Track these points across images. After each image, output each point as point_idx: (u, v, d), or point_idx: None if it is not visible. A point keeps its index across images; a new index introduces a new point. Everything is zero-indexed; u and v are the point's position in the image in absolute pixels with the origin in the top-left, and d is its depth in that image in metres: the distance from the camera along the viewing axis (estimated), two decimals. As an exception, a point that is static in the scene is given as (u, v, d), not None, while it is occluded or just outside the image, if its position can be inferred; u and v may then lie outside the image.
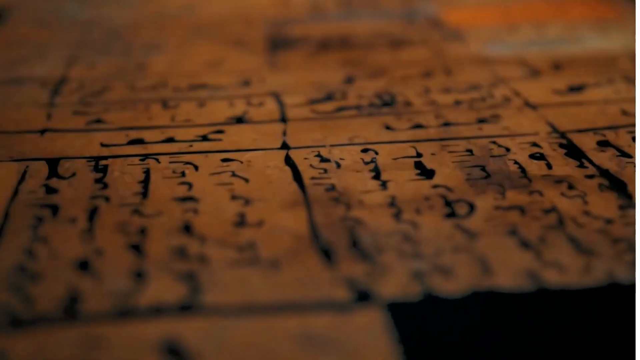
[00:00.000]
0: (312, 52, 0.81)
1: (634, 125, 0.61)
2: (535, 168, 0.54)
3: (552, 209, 0.49)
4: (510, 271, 0.43)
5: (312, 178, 0.53)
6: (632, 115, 0.62)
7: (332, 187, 0.52)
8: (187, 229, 0.47)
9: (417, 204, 0.50)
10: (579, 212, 0.48)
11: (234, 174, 0.54)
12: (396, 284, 0.41)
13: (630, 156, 0.55)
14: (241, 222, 0.48)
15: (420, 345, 0.37)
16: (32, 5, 1.03)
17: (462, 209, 0.49)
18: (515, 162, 0.55)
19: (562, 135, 0.59)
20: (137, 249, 0.45)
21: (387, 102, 0.67)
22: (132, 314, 0.39)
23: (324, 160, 0.56)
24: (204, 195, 0.51)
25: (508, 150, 0.57)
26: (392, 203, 0.50)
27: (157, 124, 0.63)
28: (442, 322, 0.39)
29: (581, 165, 0.54)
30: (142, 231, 0.46)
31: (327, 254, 0.44)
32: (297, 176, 0.53)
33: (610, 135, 0.59)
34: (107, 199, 0.50)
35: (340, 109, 0.66)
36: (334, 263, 0.43)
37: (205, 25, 0.93)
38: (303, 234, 0.46)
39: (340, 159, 0.56)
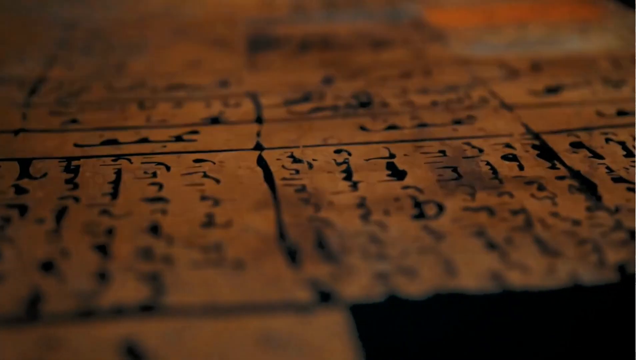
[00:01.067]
0: (292, 53, 0.81)
1: (608, 126, 0.61)
2: (506, 169, 0.54)
3: (521, 211, 0.49)
4: (474, 272, 0.43)
5: (283, 179, 0.53)
6: (607, 116, 0.63)
7: (303, 188, 0.52)
8: (155, 229, 0.47)
9: (386, 205, 0.50)
10: (547, 213, 0.48)
11: (205, 175, 0.54)
12: (359, 285, 0.42)
13: (603, 157, 0.56)
14: (209, 222, 0.48)
15: (380, 347, 0.37)
16: (14, 5, 1.03)
17: (431, 210, 0.49)
18: (488, 164, 0.55)
19: (536, 136, 0.59)
20: (102, 249, 0.45)
21: (364, 102, 0.67)
22: (93, 315, 0.39)
23: (296, 161, 0.56)
24: (174, 195, 0.51)
25: (481, 151, 0.57)
26: (362, 204, 0.50)
27: (132, 125, 0.63)
28: (404, 324, 0.39)
29: (553, 167, 0.54)
30: (109, 232, 0.46)
31: (292, 255, 0.44)
32: (268, 177, 0.53)
33: (584, 137, 0.59)
34: (76, 199, 0.50)
35: (316, 109, 0.66)
36: (299, 264, 0.43)
37: (188, 26, 0.93)
38: (270, 234, 0.46)
39: (313, 159, 0.56)
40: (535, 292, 0.41)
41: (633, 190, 0.51)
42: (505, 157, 0.56)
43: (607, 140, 0.58)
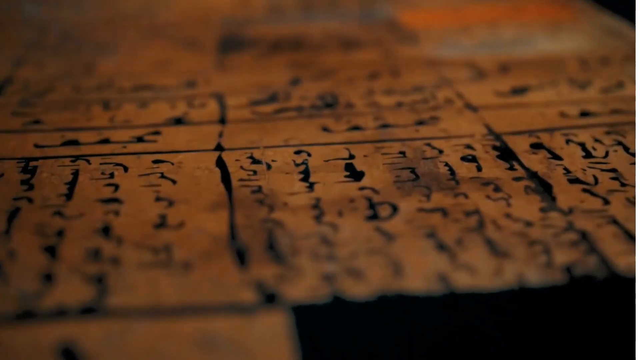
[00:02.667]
0: (263, 54, 0.81)
1: (570, 127, 0.61)
2: (464, 170, 0.54)
3: (475, 212, 0.49)
4: (421, 274, 0.43)
5: (240, 180, 0.53)
6: (571, 117, 0.63)
7: (259, 189, 0.52)
8: (106, 230, 0.47)
9: (340, 206, 0.50)
10: (500, 214, 0.48)
11: (162, 176, 0.54)
12: (305, 286, 0.41)
13: (561, 158, 0.55)
14: (161, 223, 0.48)
15: (320, 348, 0.37)
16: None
17: (384, 211, 0.49)
18: (446, 165, 0.55)
19: (497, 137, 0.59)
20: (51, 251, 0.44)
21: (329, 103, 0.67)
22: (33, 317, 0.39)
23: (255, 162, 0.56)
24: (129, 197, 0.51)
25: (441, 152, 0.57)
26: (316, 205, 0.50)
27: (95, 125, 0.62)
28: (347, 325, 0.39)
29: (511, 168, 0.54)
30: (60, 233, 0.46)
31: (241, 256, 0.44)
32: (225, 178, 0.53)
33: (544, 138, 0.59)
34: (30, 200, 0.50)
35: (281, 110, 0.65)
36: (247, 265, 0.43)
37: (161, 26, 0.93)
38: (221, 236, 0.46)
39: (272, 160, 0.56)
40: (481, 293, 0.41)
41: (588, 191, 0.51)
42: (464, 158, 0.56)
43: (568, 141, 0.58)
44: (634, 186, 0.51)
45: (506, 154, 0.56)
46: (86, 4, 1.03)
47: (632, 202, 0.49)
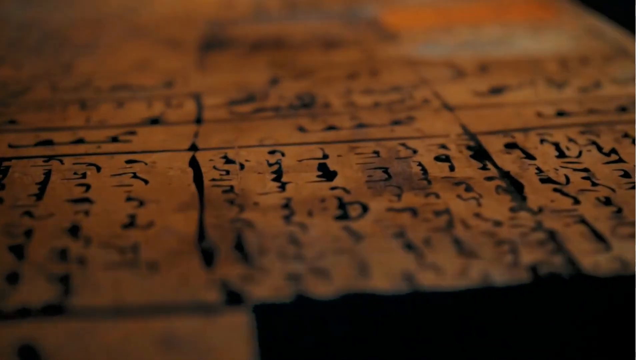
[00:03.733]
0: (244, 53, 0.81)
1: (545, 127, 0.61)
2: (437, 170, 0.54)
3: (445, 211, 0.49)
4: (387, 273, 0.43)
5: (213, 179, 0.53)
6: (546, 117, 0.63)
7: (231, 189, 0.52)
8: (74, 230, 0.47)
9: (311, 205, 0.49)
10: (470, 214, 0.48)
11: (135, 176, 0.54)
12: (269, 286, 0.41)
13: (534, 158, 0.56)
14: (130, 223, 0.47)
15: (280, 347, 0.37)
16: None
17: (355, 211, 0.49)
18: (419, 164, 0.55)
19: (472, 137, 0.59)
20: (18, 250, 0.44)
21: (306, 103, 0.67)
22: (-4, 317, 0.39)
23: (229, 161, 0.56)
24: (100, 196, 0.51)
25: (415, 152, 0.57)
26: (287, 205, 0.50)
27: (71, 125, 0.62)
28: (310, 324, 0.39)
29: (484, 167, 0.54)
30: (28, 233, 0.46)
31: (208, 256, 0.44)
32: (198, 178, 0.53)
33: (519, 137, 0.59)
34: (0, 200, 0.50)
35: (258, 110, 0.65)
36: (213, 265, 0.43)
37: (144, 26, 0.93)
38: (189, 236, 0.46)
39: (246, 160, 0.56)
40: (445, 292, 0.41)
41: (559, 191, 0.51)
42: (438, 158, 0.56)
43: (542, 141, 0.58)
44: (605, 186, 0.51)
45: (480, 154, 0.56)
46: (69, 4, 1.03)
47: (602, 202, 0.49)
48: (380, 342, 0.38)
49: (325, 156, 0.57)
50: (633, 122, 0.61)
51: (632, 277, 0.42)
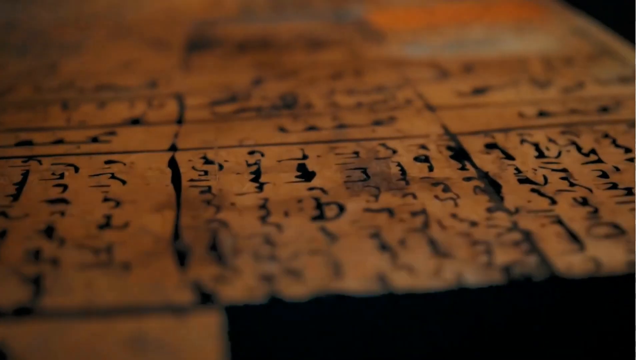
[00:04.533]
0: (229, 54, 0.81)
1: (526, 127, 0.61)
2: (416, 170, 0.54)
3: (421, 212, 0.49)
4: (361, 274, 0.42)
5: (191, 180, 0.53)
6: (528, 117, 0.63)
7: (208, 189, 0.52)
8: (49, 231, 0.47)
9: (287, 206, 0.49)
10: (446, 214, 0.48)
11: (113, 176, 0.54)
12: (242, 286, 0.41)
13: (514, 158, 0.55)
14: (106, 224, 0.47)
15: (250, 348, 0.37)
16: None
17: (331, 212, 0.49)
18: (398, 165, 0.55)
19: (453, 137, 0.59)
20: (-9, 251, 0.45)
21: (288, 104, 0.67)
22: (-34, 318, 0.39)
23: (208, 162, 0.56)
24: (77, 197, 0.51)
25: (395, 152, 0.57)
26: (263, 205, 0.50)
27: (51, 126, 0.62)
28: (279, 325, 0.39)
29: (462, 168, 0.54)
30: (2, 234, 0.46)
31: (182, 257, 0.44)
32: (176, 178, 0.53)
33: (499, 138, 0.59)
34: (-23, 201, 0.50)
35: (239, 110, 0.65)
36: (187, 266, 0.43)
37: (129, 26, 0.93)
38: (165, 236, 0.46)
39: (225, 161, 0.56)
40: (419, 293, 0.41)
41: (536, 191, 0.51)
42: (417, 159, 0.56)
43: (522, 141, 0.58)
44: (583, 186, 0.51)
45: (459, 154, 0.56)
46: (57, 4, 1.03)
47: (579, 202, 0.49)
48: (352, 343, 0.38)
49: (305, 157, 0.56)
50: (614, 122, 0.61)
51: (606, 278, 0.42)
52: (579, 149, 0.57)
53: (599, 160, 0.55)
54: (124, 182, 0.53)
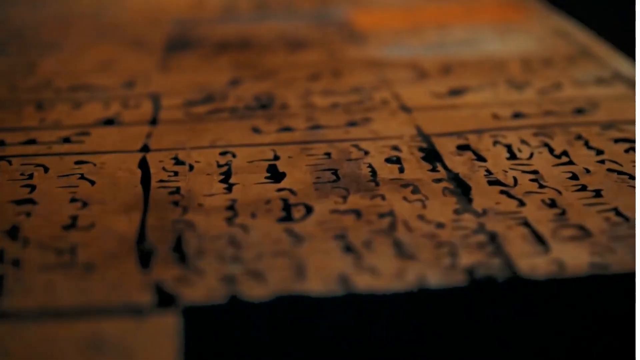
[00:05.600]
0: (208, 54, 0.81)
1: (500, 129, 0.61)
2: (386, 172, 0.54)
3: (389, 213, 0.49)
4: (323, 276, 0.42)
5: (160, 181, 0.53)
6: (502, 119, 0.62)
7: (177, 190, 0.51)
8: (14, 232, 0.46)
9: (255, 207, 0.49)
10: (414, 216, 0.48)
11: (82, 177, 0.53)
12: (204, 288, 0.41)
13: (485, 160, 0.55)
14: (71, 225, 0.47)
15: (206, 350, 0.37)
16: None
17: (298, 213, 0.49)
18: (369, 166, 0.55)
19: (426, 138, 0.59)
20: (-47, 252, 0.44)
21: (264, 104, 0.67)
22: None
23: (179, 163, 0.55)
24: (44, 197, 0.50)
25: (367, 153, 0.57)
26: (231, 206, 0.49)
27: (24, 126, 0.62)
28: (238, 326, 0.39)
29: (433, 169, 0.54)
30: (-34, 234, 0.46)
31: (146, 258, 0.44)
32: (145, 179, 0.53)
33: (472, 139, 0.59)
34: (-56, 201, 0.50)
35: (214, 111, 0.65)
36: (150, 267, 0.43)
37: (112, 26, 0.92)
38: (129, 237, 0.46)
39: (196, 161, 0.56)
40: (380, 295, 0.41)
41: (505, 193, 0.51)
42: (389, 160, 0.56)
43: (495, 142, 0.58)
44: (552, 188, 0.51)
45: (431, 156, 0.56)
46: (38, 3, 1.03)
47: (547, 204, 0.49)
48: (311, 344, 0.38)
49: (277, 157, 0.56)
50: (588, 124, 0.61)
51: (569, 280, 0.42)
52: (551, 150, 0.57)
53: (570, 162, 0.55)
54: (92, 182, 0.52)
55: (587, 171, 0.53)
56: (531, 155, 0.56)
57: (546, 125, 0.61)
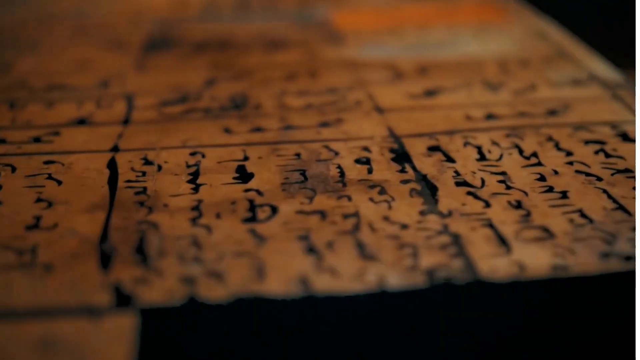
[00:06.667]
0: (186, 54, 0.81)
1: (472, 130, 0.61)
2: (355, 173, 0.54)
3: (354, 214, 0.48)
4: (283, 277, 0.42)
5: (127, 181, 0.53)
6: (475, 120, 0.62)
7: (143, 191, 0.51)
8: (-24, 232, 0.46)
9: (220, 208, 0.49)
10: (379, 217, 0.48)
11: (49, 177, 0.53)
12: (162, 289, 0.41)
13: (454, 161, 0.55)
14: (34, 225, 0.47)
15: (161, 351, 0.37)
16: None
17: (263, 214, 0.49)
18: (338, 167, 0.55)
19: (397, 139, 0.59)
20: None
21: (237, 104, 0.66)
22: None
23: (147, 163, 0.55)
24: (9, 197, 0.50)
25: (337, 154, 0.57)
26: (196, 207, 0.49)
27: (-4, 125, 0.62)
28: (195, 328, 0.39)
29: (402, 170, 0.54)
30: None
31: (106, 259, 0.44)
32: (112, 179, 0.53)
33: (443, 140, 0.59)
34: None
35: (188, 111, 0.65)
36: (109, 268, 0.43)
37: (90, 25, 0.92)
38: (92, 238, 0.46)
39: (165, 162, 0.56)
40: (339, 296, 0.41)
41: (472, 194, 0.51)
42: (358, 161, 0.56)
43: (466, 144, 0.58)
44: (519, 189, 0.51)
45: (401, 157, 0.56)
46: (18, 2, 1.02)
47: (513, 205, 0.49)
48: (268, 345, 0.38)
49: (246, 158, 0.56)
50: (560, 125, 0.61)
51: (529, 282, 0.42)
52: (521, 151, 0.57)
53: (539, 164, 0.55)
54: (60, 182, 0.52)
55: (555, 172, 0.53)
56: (501, 156, 0.56)
57: (518, 127, 0.61)
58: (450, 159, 0.56)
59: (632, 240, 0.45)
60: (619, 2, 1.00)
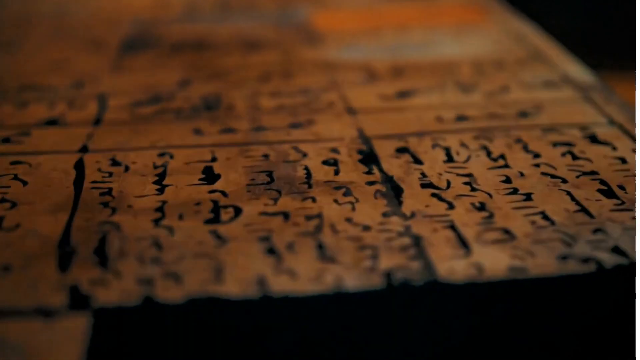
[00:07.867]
0: (163, 54, 0.81)
1: (441, 132, 0.61)
2: (321, 174, 0.54)
3: (317, 216, 0.48)
4: (241, 278, 0.42)
5: (93, 182, 0.53)
6: (446, 121, 0.62)
7: (109, 192, 0.51)
8: (-63, 232, 0.46)
9: (184, 209, 0.49)
10: (341, 218, 0.48)
11: (15, 177, 0.53)
12: (119, 290, 0.41)
13: (422, 163, 0.55)
14: (-4, 226, 0.47)
15: (113, 352, 0.37)
16: None
17: (227, 215, 0.49)
18: (305, 168, 0.55)
19: (366, 141, 0.59)
20: None
21: (210, 105, 0.66)
22: None
23: (115, 164, 0.55)
24: (-27, 198, 0.51)
25: (305, 155, 0.57)
26: (160, 208, 0.49)
27: (-34, 126, 0.62)
28: (149, 329, 0.39)
29: (369, 172, 0.54)
30: None
31: (66, 260, 0.44)
32: (78, 180, 0.53)
33: (412, 142, 0.59)
34: None
35: (160, 112, 0.65)
36: (68, 269, 0.43)
37: (72, 25, 0.92)
38: (53, 239, 0.46)
39: (133, 162, 0.56)
40: (295, 297, 0.41)
41: (436, 196, 0.51)
42: (326, 162, 0.56)
43: (434, 145, 0.58)
44: (484, 191, 0.51)
45: (369, 158, 0.56)
46: (1, 3, 1.02)
47: (476, 207, 0.49)
48: (222, 347, 0.38)
49: (214, 159, 0.56)
50: (529, 127, 0.61)
51: (486, 284, 0.42)
52: (489, 153, 0.57)
53: (506, 166, 0.55)
54: (25, 183, 0.52)
55: (521, 174, 0.53)
56: (468, 158, 0.56)
57: (488, 129, 0.61)
58: (418, 161, 0.56)
59: (592, 243, 0.45)
60: (599, 4, 1.00)
